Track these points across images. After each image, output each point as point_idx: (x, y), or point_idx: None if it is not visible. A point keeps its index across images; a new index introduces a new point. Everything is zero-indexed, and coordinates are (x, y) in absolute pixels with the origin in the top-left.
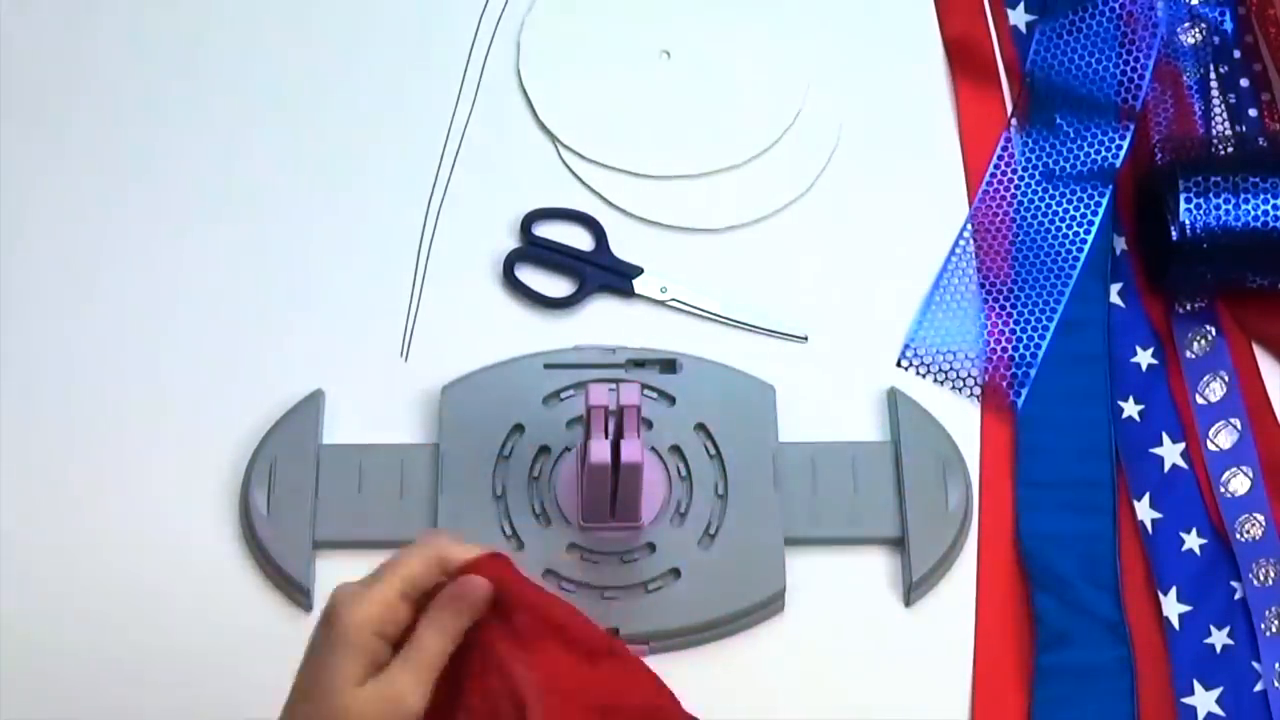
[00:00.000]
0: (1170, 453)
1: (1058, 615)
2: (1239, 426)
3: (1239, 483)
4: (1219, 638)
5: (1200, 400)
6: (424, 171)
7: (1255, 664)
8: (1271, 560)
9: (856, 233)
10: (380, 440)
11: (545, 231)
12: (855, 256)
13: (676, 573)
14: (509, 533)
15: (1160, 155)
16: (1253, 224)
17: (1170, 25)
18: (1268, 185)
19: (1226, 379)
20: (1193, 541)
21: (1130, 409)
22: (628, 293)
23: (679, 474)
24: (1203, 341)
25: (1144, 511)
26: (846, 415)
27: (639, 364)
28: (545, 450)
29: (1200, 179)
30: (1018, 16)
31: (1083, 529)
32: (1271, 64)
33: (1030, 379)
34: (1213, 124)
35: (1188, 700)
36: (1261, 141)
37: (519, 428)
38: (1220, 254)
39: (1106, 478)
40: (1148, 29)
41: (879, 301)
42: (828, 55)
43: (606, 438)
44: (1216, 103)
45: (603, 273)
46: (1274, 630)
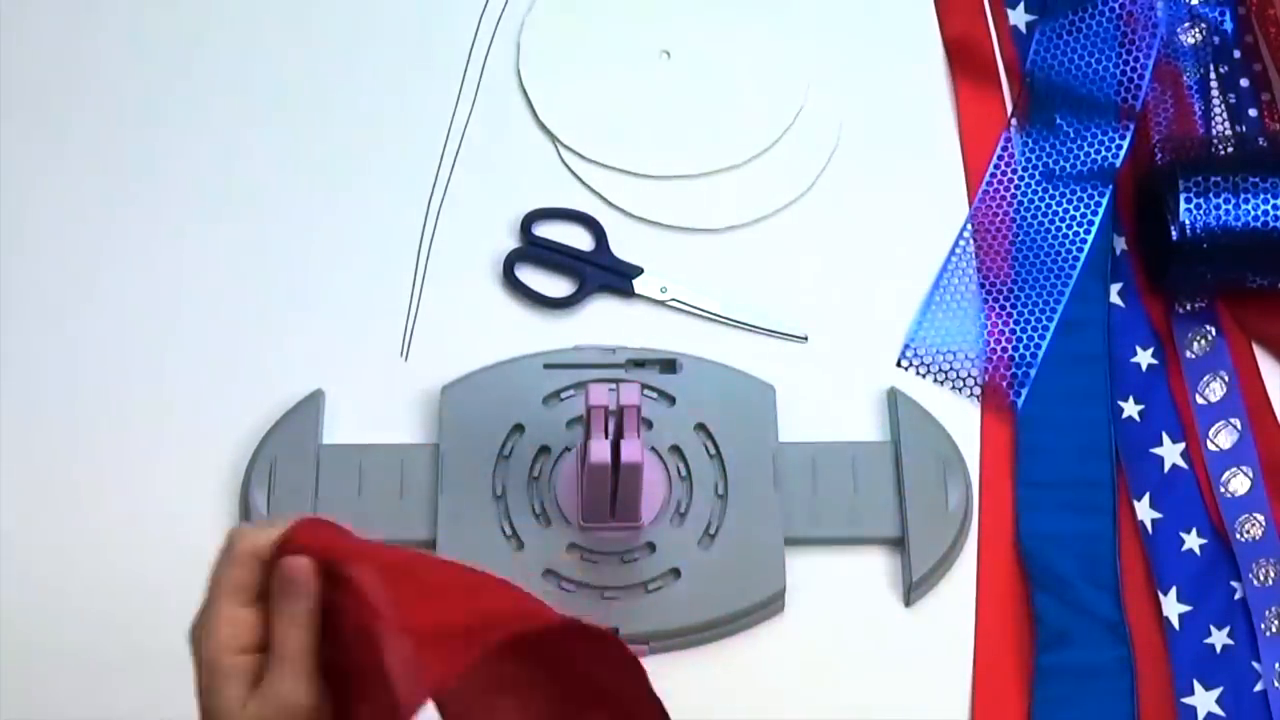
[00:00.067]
0: (1170, 453)
1: (1058, 615)
2: (1239, 426)
3: (1239, 483)
4: (1219, 638)
5: (1200, 400)
6: (424, 171)
7: (1255, 664)
8: (1271, 560)
9: (856, 233)
10: (380, 440)
11: (545, 231)
12: (855, 256)
13: (676, 573)
14: (509, 533)
15: (1160, 155)
16: (1253, 224)
17: (1170, 25)
18: (1268, 185)
19: (1226, 379)
20: (1193, 541)
21: (1130, 409)
22: (628, 293)
23: (679, 474)
24: (1203, 341)
25: (1144, 511)
26: (846, 415)
27: (639, 364)
28: (545, 450)
29: (1200, 179)
30: (1018, 16)
31: (1083, 529)
32: (1271, 64)
33: (1030, 379)
34: (1213, 124)
35: (1188, 700)
36: (1261, 141)
37: (519, 428)
38: (1220, 254)
39: (1106, 478)
40: (1148, 29)
41: (879, 301)
42: (828, 55)
43: (606, 438)
44: (1216, 103)
45: (603, 273)
46: (1274, 630)
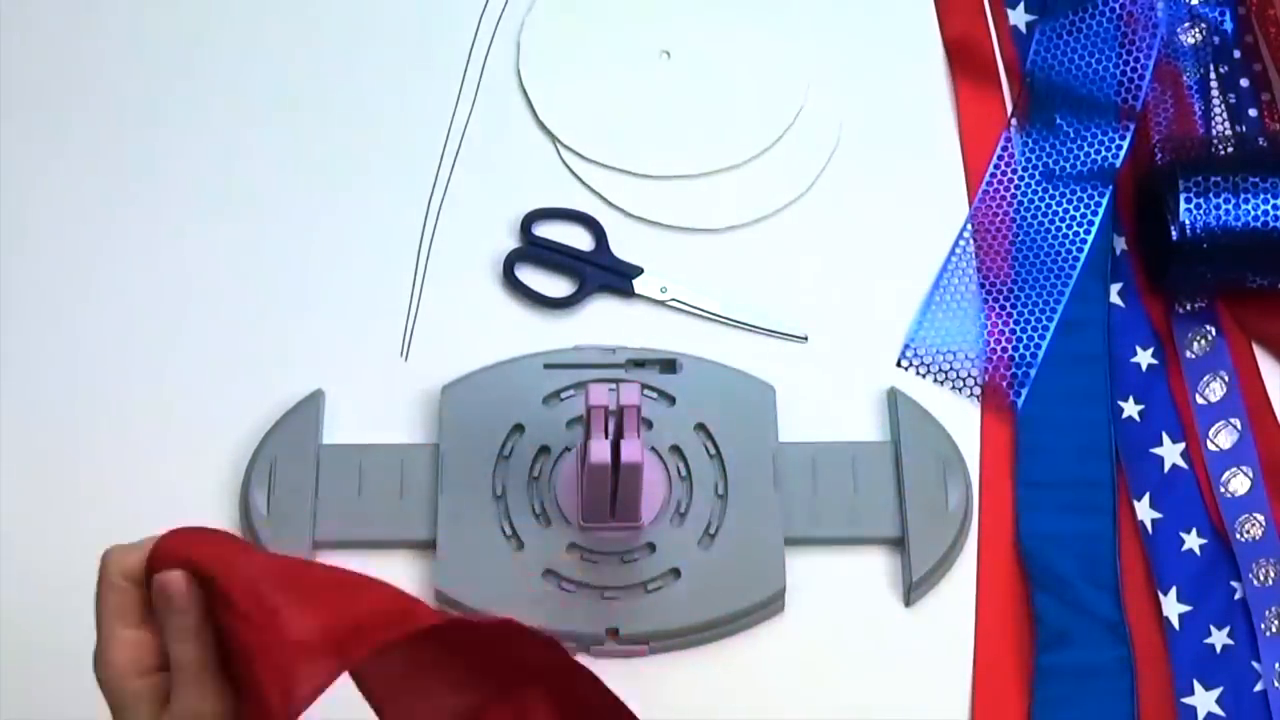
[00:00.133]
0: (1170, 453)
1: (1058, 615)
2: (1239, 426)
3: (1239, 483)
4: (1219, 638)
5: (1200, 400)
6: (424, 171)
7: (1255, 664)
8: (1271, 560)
9: (856, 233)
10: (380, 440)
11: (545, 231)
12: (855, 256)
13: (676, 573)
14: (509, 533)
15: (1160, 155)
16: (1253, 224)
17: (1170, 25)
18: (1268, 185)
19: (1226, 379)
20: (1193, 541)
21: (1130, 409)
22: (628, 293)
23: (679, 474)
24: (1203, 341)
25: (1144, 511)
26: (846, 415)
27: (639, 364)
28: (545, 450)
29: (1200, 179)
30: (1018, 16)
31: (1083, 529)
32: (1271, 64)
33: (1030, 379)
34: (1213, 124)
35: (1188, 700)
36: (1261, 141)
37: (519, 428)
38: (1220, 254)
39: (1106, 478)
40: (1148, 29)
41: (879, 301)
42: (828, 55)
43: (606, 438)
44: (1216, 103)
45: (603, 273)
46: (1274, 630)
